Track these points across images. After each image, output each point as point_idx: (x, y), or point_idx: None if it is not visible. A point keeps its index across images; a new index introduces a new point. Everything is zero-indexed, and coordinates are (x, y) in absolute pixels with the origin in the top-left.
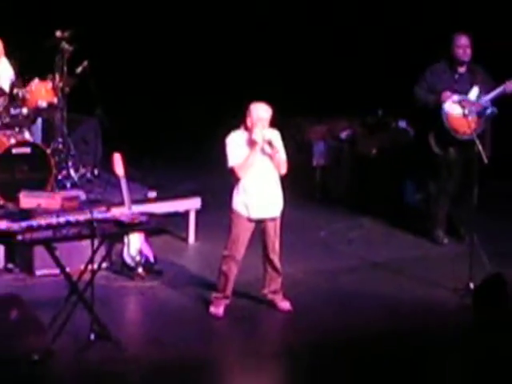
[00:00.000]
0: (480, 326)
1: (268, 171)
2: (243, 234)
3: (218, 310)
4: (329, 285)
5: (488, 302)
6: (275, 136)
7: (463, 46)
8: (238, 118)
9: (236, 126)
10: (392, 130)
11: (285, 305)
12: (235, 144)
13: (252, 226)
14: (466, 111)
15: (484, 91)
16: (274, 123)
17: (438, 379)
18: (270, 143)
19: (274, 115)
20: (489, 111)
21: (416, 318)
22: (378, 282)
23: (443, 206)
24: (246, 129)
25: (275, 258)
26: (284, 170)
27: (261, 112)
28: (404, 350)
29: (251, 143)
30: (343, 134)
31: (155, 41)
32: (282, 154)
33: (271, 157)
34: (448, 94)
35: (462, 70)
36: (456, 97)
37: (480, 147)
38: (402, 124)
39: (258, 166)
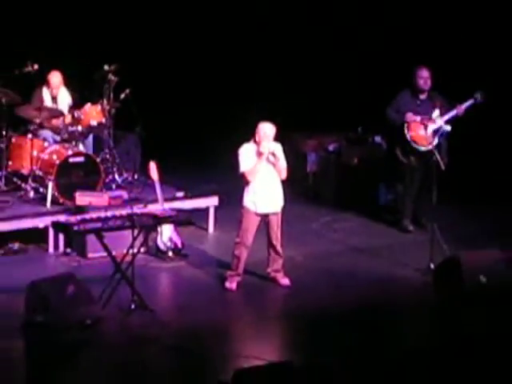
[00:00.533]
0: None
1: (272, 176)
2: (251, 225)
3: (231, 285)
4: (321, 265)
5: (445, 279)
6: (278, 148)
7: (424, 77)
8: (247, 131)
9: (246, 139)
10: (369, 144)
11: (285, 281)
12: (246, 154)
13: (258, 219)
14: (427, 128)
15: (441, 113)
16: (276, 138)
17: (404, 337)
18: (273, 154)
19: (277, 132)
20: (444, 129)
21: (388, 292)
22: (358, 262)
23: (408, 202)
24: (255, 142)
25: (277, 244)
26: (284, 175)
27: (267, 130)
28: (379, 315)
29: (259, 154)
30: (331, 147)
31: (179, 67)
32: (282, 163)
33: (274, 165)
34: (410, 115)
35: (423, 96)
36: (418, 118)
37: (438, 157)
38: (377, 139)
39: (263, 171)
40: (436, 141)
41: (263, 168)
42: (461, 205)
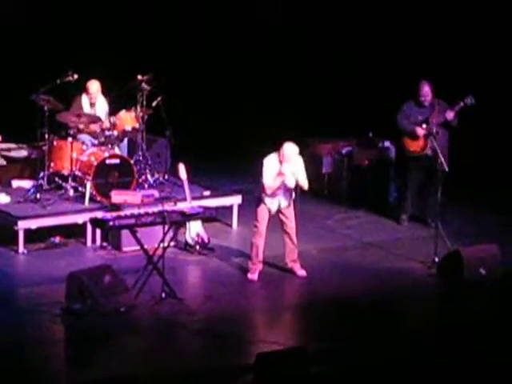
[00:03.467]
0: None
1: (287, 187)
2: (264, 216)
3: (253, 275)
4: (335, 258)
5: (448, 271)
6: (299, 162)
7: (425, 94)
8: (268, 134)
9: (265, 142)
10: (379, 148)
11: (302, 272)
12: (269, 166)
13: (269, 212)
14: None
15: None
16: (295, 143)
17: (411, 322)
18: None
19: (295, 137)
20: (433, 132)
21: (396, 282)
22: (369, 256)
23: (407, 199)
24: (279, 158)
25: (292, 234)
26: (306, 188)
27: (289, 152)
28: (388, 303)
29: (279, 173)
30: (344, 150)
31: (206, 75)
32: (302, 177)
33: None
34: (420, 129)
35: (426, 104)
36: (423, 132)
37: (442, 159)
38: (387, 143)
39: (282, 185)
40: (429, 145)
41: (282, 181)
42: (463, 202)
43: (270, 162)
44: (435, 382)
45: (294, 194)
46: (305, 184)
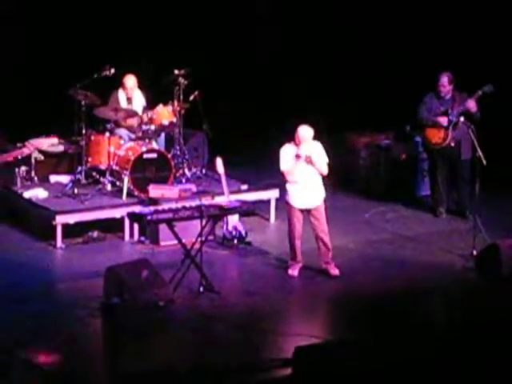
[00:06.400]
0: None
1: (310, 173)
2: (296, 218)
3: (293, 272)
4: (372, 252)
5: (486, 265)
6: (318, 147)
7: (442, 85)
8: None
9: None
10: (415, 142)
11: (334, 271)
12: (285, 154)
13: (299, 212)
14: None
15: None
16: (332, 136)
17: (448, 315)
18: (309, 158)
19: (334, 130)
20: (454, 121)
21: (433, 276)
22: (407, 250)
23: (440, 191)
24: (295, 143)
25: (324, 237)
26: (325, 172)
27: (304, 133)
28: (425, 296)
29: (297, 156)
30: (382, 143)
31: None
32: (321, 162)
33: (313, 165)
34: (443, 119)
35: (447, 96)
36: (446, 121)
37: (480, 152)
38: (418, 138)
39: (302, 170)
40: (450, 136)
41: (302, 167)
42: (501, 196)
43: (286, 149)
44: (468, 378)
45: (324, 191)
46: (324, 169)
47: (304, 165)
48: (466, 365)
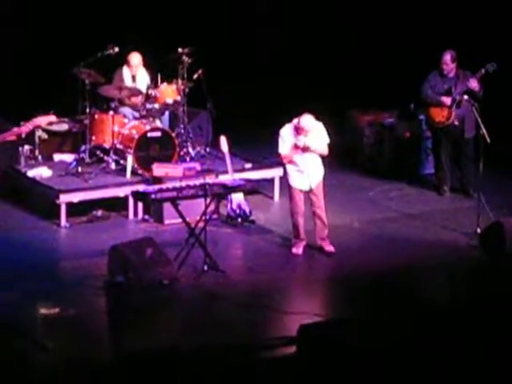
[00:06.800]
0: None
1: (309, 157)
2: (297, 196)
3: (297, 250)
4: (377, 230)
5: (490, 243)
6: (319, 128)
7: (445, 62)
8: (310, 108)
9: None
10: (420, 120)
11: (330, 248)
12: (285, 136)
13: (300, 191)
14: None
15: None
16: (336, 114)
17: (452, 292)
18: (307, 148)
19: (338, 108)
20: (457, 99)
21: (438, 254)
22: (411, 228)
23: (444, 170)
24: (295, 128)
25: (322, 213)
26: (325, 154)
27: (306, 123)
28: (429, 274)
29: (295, 146)
30: (386, 122)
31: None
32: (320, 147)
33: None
34: (447, 99)
35: (451, 75)
36: (449, 100)
37: (484, 130)
38: (422, 117)
39: (301, 155)
40: (454, 115)
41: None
42: (505, 174)
43: (285, 133)
44: (469, 355)
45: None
46: (324, 151)
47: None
48: (468, 342)
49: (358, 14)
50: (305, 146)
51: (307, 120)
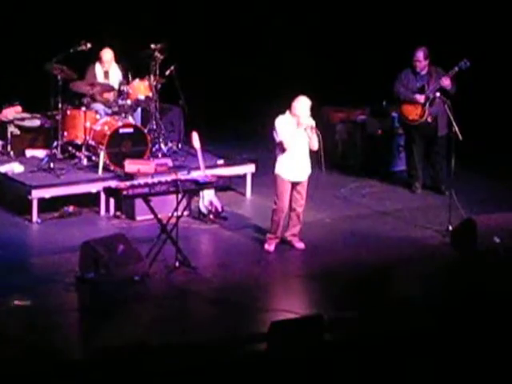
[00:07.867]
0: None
1: (302, 147)
2: (285, 191)
3: (270, 247)
4: (349, 227)
5: (462, 240)
6: (313, 124)
7: (416, 59)
8: (280, 105)
9: (280, 112)
10: (392, 117)
11: (300, 245)
12: (283, 124)
13: (290, 185)
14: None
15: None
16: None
17: (422, 289)
18: (312, 127)
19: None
20: (431, 97)
21: (409, 251)
22: (383, 225)
23: (416, 167)
24: (292, 114)
25: (301, 212)
26: (316, 147)
27: (304, 104)
28: (401, 271)
29: (298, 124)
30: (358, 119)
31: (217, 44)
32: (316, 137)
33: (310, 138)
34: (420, 97)
35: (423, 72)
36: (423, 98)
37: (456, 128)
38: (394, 114)
39: (297, 144)
40: (427, 112)
41: (299, 139)
42: (476, 171)
43: (284, 119)
44: (443, 351)
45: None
46: (316, 143)
47: (300, 137)
48: (442, 337)
49: (330, 11)
50: (312, 125)
51: (304, 100)
